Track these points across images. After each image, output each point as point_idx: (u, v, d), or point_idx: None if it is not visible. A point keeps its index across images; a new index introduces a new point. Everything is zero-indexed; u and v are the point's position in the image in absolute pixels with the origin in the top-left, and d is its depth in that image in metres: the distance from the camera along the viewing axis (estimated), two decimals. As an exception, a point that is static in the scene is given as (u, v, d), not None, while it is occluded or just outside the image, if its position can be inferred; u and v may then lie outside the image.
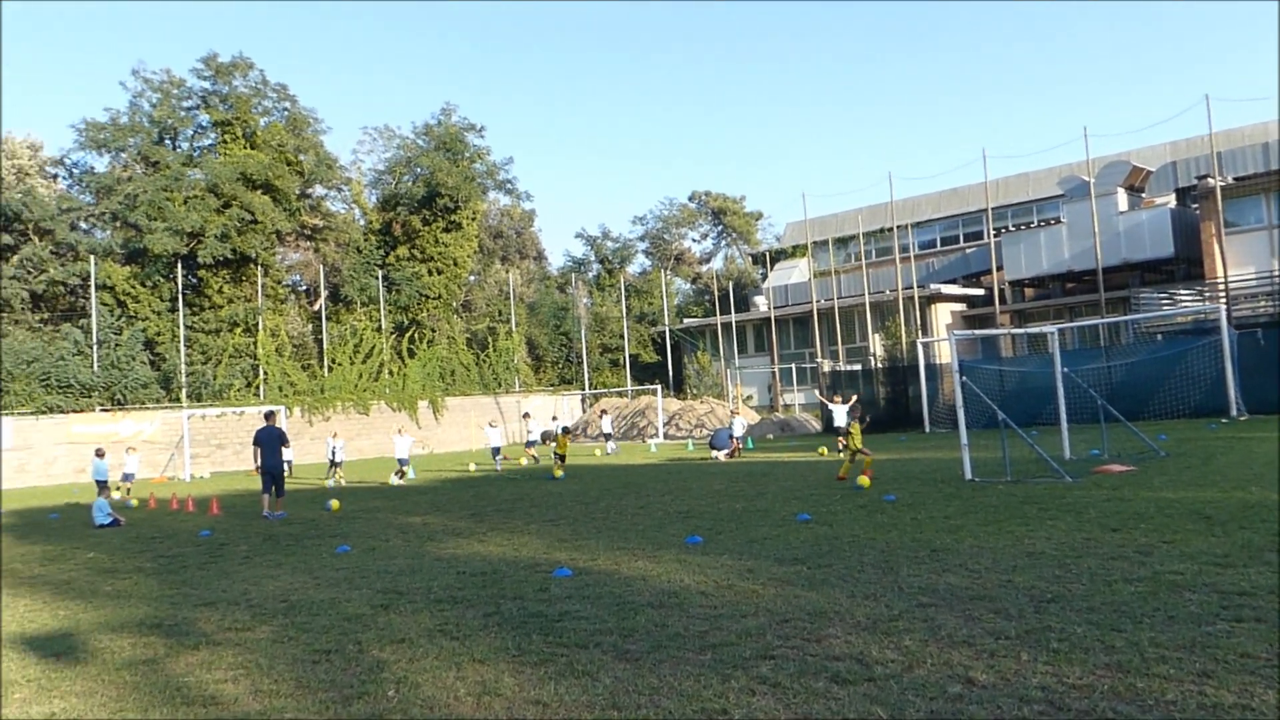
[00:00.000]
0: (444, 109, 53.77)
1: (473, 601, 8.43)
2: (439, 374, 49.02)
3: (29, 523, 19.62)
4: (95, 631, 8.10)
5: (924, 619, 6.84)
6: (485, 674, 6.10)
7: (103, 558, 13.12)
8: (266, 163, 45.03)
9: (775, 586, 8.32)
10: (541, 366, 57.80)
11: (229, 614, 8.49)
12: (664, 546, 11.05)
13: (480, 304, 59.39)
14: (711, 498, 16.37)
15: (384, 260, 51.04)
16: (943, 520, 11.75)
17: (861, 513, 13.02)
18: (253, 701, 5.78)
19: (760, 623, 7.02)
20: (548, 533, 13.01)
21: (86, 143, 46.07)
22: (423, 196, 50.71)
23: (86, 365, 38.81)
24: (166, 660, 6.91)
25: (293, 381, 44.11)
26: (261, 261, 45.43)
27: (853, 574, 8.67)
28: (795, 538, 11.11)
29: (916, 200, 55.02)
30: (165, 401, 40.69)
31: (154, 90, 46.50)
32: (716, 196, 70.80)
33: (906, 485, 16.19)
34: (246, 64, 47.16)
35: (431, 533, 13.79)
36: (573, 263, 70.82)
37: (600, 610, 7.74)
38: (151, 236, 41.41)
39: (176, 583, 10.51)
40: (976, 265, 49.24)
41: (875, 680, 5.50)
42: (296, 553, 12.47)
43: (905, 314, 46.01)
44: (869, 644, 6.26)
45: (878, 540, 10.54)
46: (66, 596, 10.05)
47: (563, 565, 9.94)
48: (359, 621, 7.83)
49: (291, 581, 10.10)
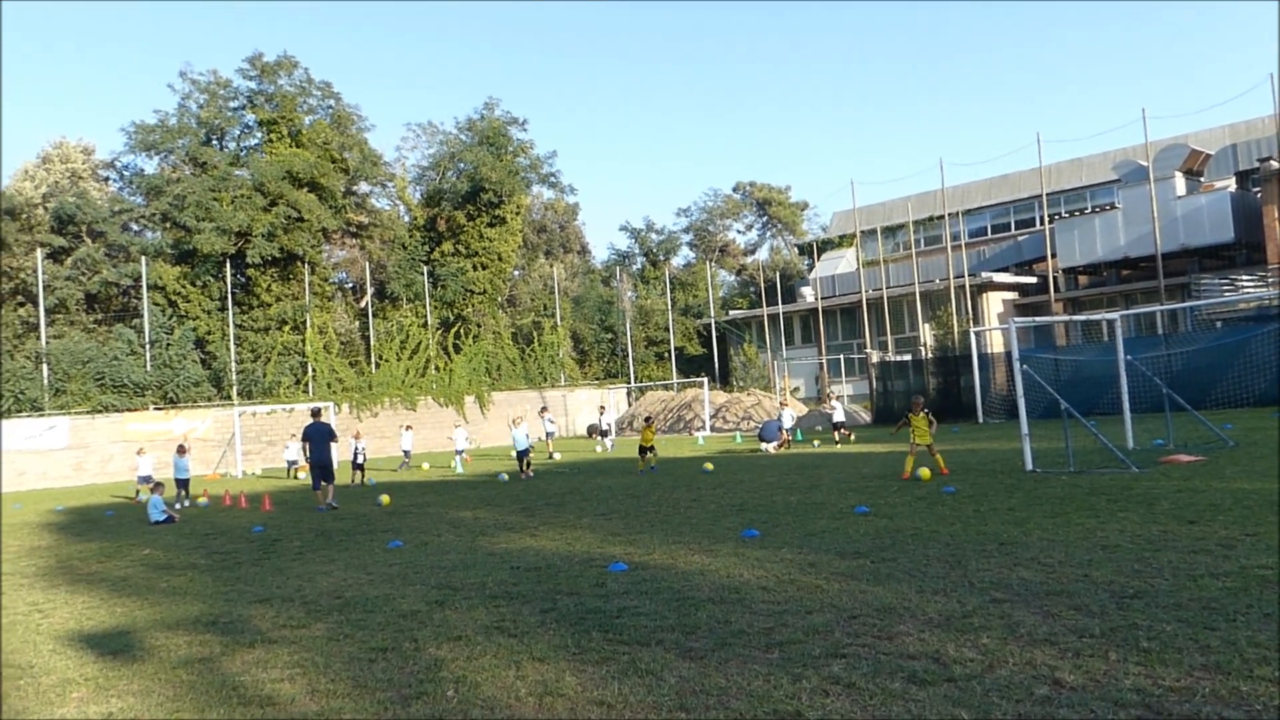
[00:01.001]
0: (487, 103, 53.70)
1: (528, 597, 8.26)
2: (484, 369, 49.11)
3: (86, 520, 19.82)
4: (151, 629, 8.04)
5: (1000, 615, 6.56)
6: (545, 673, 5.91)
7: (158, 554, 13.15)
8: (312, 161, 45.29)
9: (839, 581, 8.06)
10: (586, 360, 57.72)
11: (283, 611, 8.40)
12: (720, 540, 10.83)
13: (525, 298, 59.43)
14: (764, 490, 16.11)
15: (429, 256, 51.20)
16: (1007, 512, 11.41)
17: (921, 505, 12.70)
18: (310, 701, 5.65)
19: (827, 619, 6.78)
20: (600, 526, 12.83)
21: (136, 145, 46.66)
22: (467, 191, 50.78)
23: (139, 365, 39.32)
24: (222, 658, 6.81)
25: (340, 378, 44.41)
26: (308, 259, 45.75)
27: (919, 568, 8.39)
28: (855, 530, 10.84)
29: (967, 187, 54.15)
30: (216, 399, 41.14)
31: (201, 91, 46.97)
32: (761, 187, 70.26)
33: (965, 477, 15.82)
34: (291, 63, 47.48)
35: (483, 527, 13.67)
36: (617, 256, 70.67)
37: (660, 606, 7.54)
38: (200, 237, 41.83)
39: (231, 579, 10.46)
40: (1029, 253, 48.37)
41: (955, 681, 5.23)
42: (349, 548, 12.40)
43: (956, 303, 45.30)
44: (944, 642, 5.99)
45: (941, 533, 10.23)
46: (123, 593, 10.03)
47: (618, 560, 9.75)
48: (414, 618, 7.69)
49: (345, 577, 10.01)
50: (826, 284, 53.76)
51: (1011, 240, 50.45)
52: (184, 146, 46.54)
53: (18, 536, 17.01)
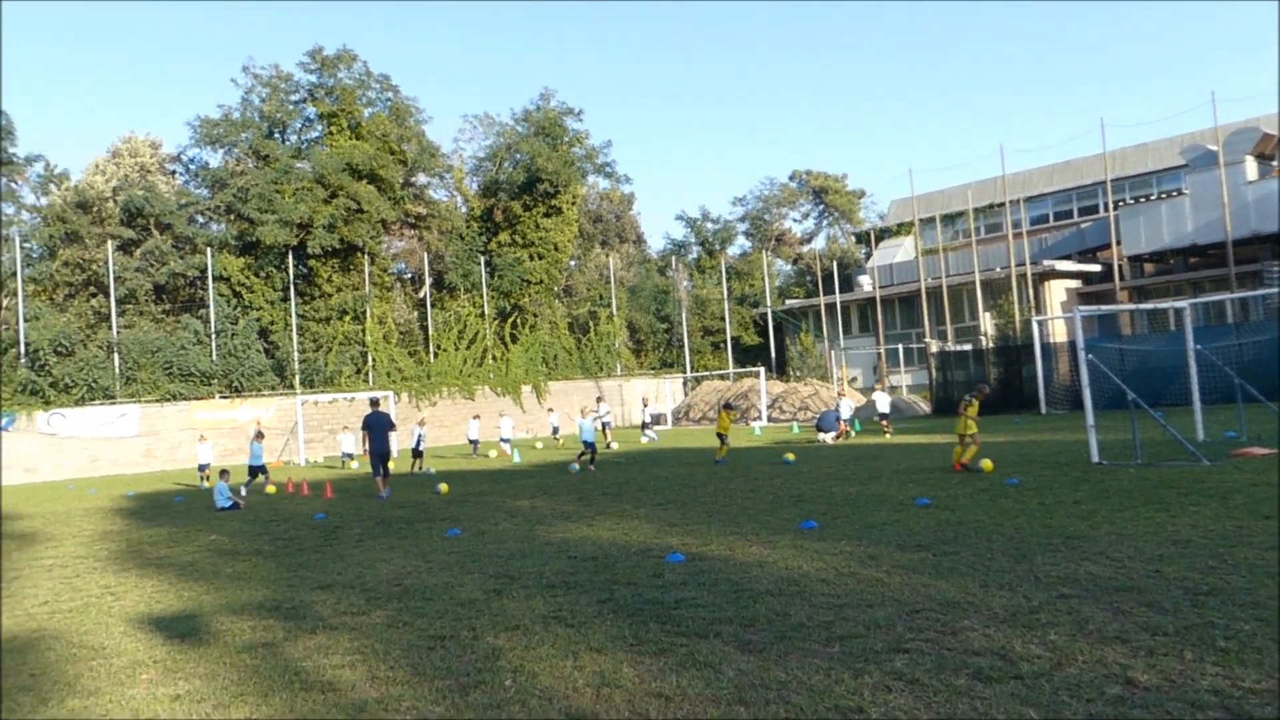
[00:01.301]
0: (543, 94, 53.85)
1: (586, 587, 8.26)
2: (541, 358, 49.35)
3: (155, 505, 20.27)
4: (217, 613, 8.18)
5: (1068, 611, 6.41)
6: (603, 664, 5.90)
7: (224, 540, 13.40)
8: (371, 153, 45.74)
9: (901, 574, 7.95)
10: (642, 350, 57.72)
11: (344, 598, 8.50)
12: (778, 531, 10.75)
13: (581, 288, 59.56)
14: (823, 481, 15.97)
15: (486, 246, 51.50)
16: (1073, 505, 11.18)
17: (984, 497, 12.49)
18: (370, 688, 5.69)
19: (889, 613, 6.68)
20: (657, 517, 12.80)
21: (201, 139, 47.47)
22: (523, 182, 50.97)
23: (206, 354, 40.10)
24: (285, 644, 6.90)
25: (400, 367, 44.91)
26: (368, 250, 46.27)
27: (983, 562, 8.24)
28: (916, 523, 10.69)
29: (1028, 174, 53.10)
30: (279, 388, 41.84)
31: (263, 85, 47.63)
32: (818, 175, 69.59)
33: (1029, 469, 15.54)
34: (351, 56, 47.95)
35: (540, 516, 13.72)
36: (673, 245, 70.48)
37: (718, 598, 7.49)
38: (263, 228, 42.49)
39: (293, 565, 10.62)
40: (1092, 240, 47.34)
41: (1023, 679, 5.12)
42: (408, 536, 12.52)
43: (1017, 292, 44.50)
44: (1010, 638, 5.87)
45: (1005, 526, 10.05)
46: (190, 578, 10.23)
47: (675, 550, 9.71)
48: (472, 607, 7.73)
49: (404, 565, 10.10)
50: (884, 272, 53.14)
51: (1074, 227, 49.40)
52: (247, 140, 47.28)
53: (91, 521, 17.45)
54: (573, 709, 5.11)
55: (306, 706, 5.41)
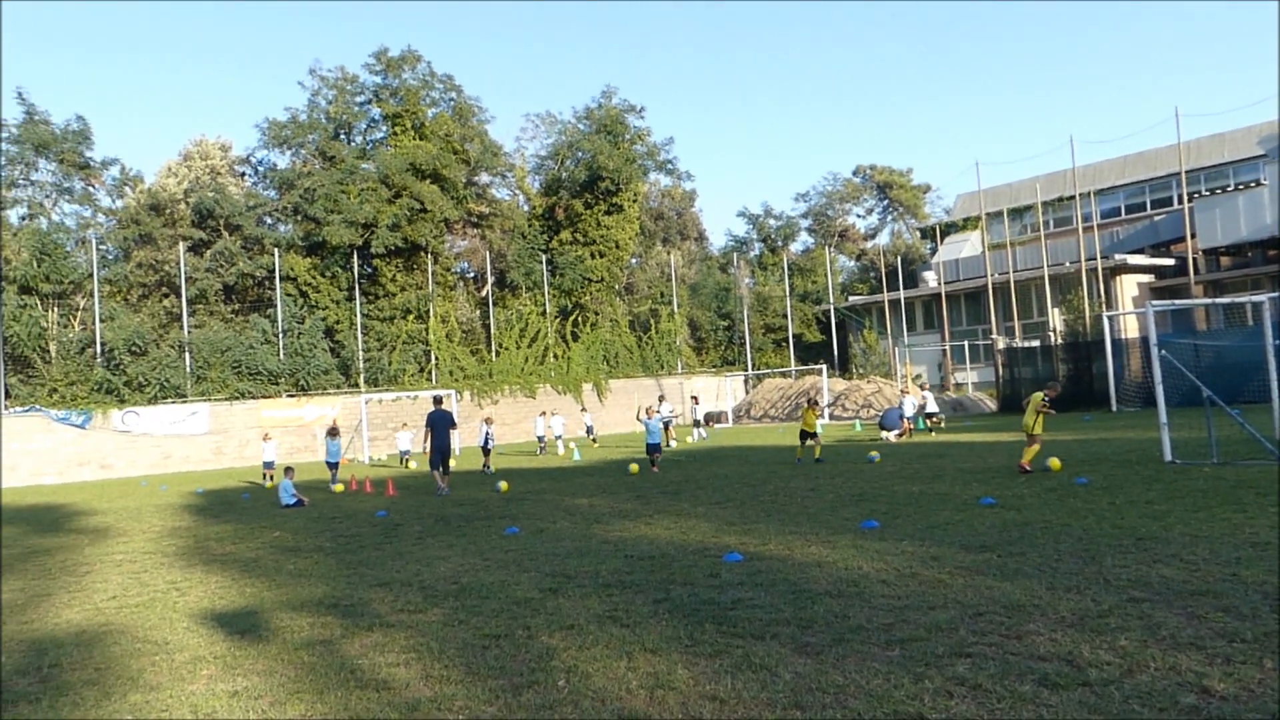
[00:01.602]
0: (604, 92, 53.90)
1: (641, 586, 8.19)
2: (602, 356, 49.45)
3: (223, 502, 20.67)
4: (277, 609, 8.27)
5: (1139, 616, 6.19)
6: (657, 665, 5.83)
7: (287, 537, 13.58)
8: (434, 153, 46.21)
9: (964, 576, 7.76)
10: (703, 348, 57.56)
11: (402, 595, 8.54)
12: (838, 531, 10.59)
13: (642, 286, 59.56)
14: (885, 479, 15.74)
15: (547, 245, 51.74)
16: (1145, 505, 10.85)
17: (1051, 496, 12.19)
18: (424, 687, 5.69)
19: (951, 616, 6.51)
20: (715, 515, 12.70)
21: (269, 141, 48.39)
22: (584, 180, 51.09)
23: (273, 353, 40.86)
24: (342, 641, 6.94)
25: (462, 366, 45.32)
26: (431, 249, 46.75)
27: (1049, 563, 8.02)
28: (980, 523, 10.45)
29: (1099, 166, 51.88)
30: (344, 387, 42.47)
31: (329, 87, 48.37)
32: (882, 170, 68.79)
33: (1099, 467, 15.15)
34: (415, 57, 48.47)
35: (598, 515, 13.70)
36: (734, 242, 70.16)
37: (775, 598, 7.38)
38: (329, 228, 43.17)
39: (353, 562, 10.71)
40: (1166, 233, 46.10)
41: (1091, 685, 4.94)
42: (467, 534, 12.58)
43: (1088, 286, 43.49)
44: (1078, 643, 5.68)
45: (1073, 527, 9.78)
46: (253, 574, 10.37)
47: (733, 550, 9.61)
48: (528, 606, 7.71)
49: (462, 563, 10.14)
50: (950, 268, 52.31)
51: (1147, 220, 48.15)
52: (314, 141, 48.07)
53: (162, 517, 17.84)
54: (625, 711, 5.05)
55: (360, 705, 5.42)
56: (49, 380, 36.67)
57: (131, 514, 18.82)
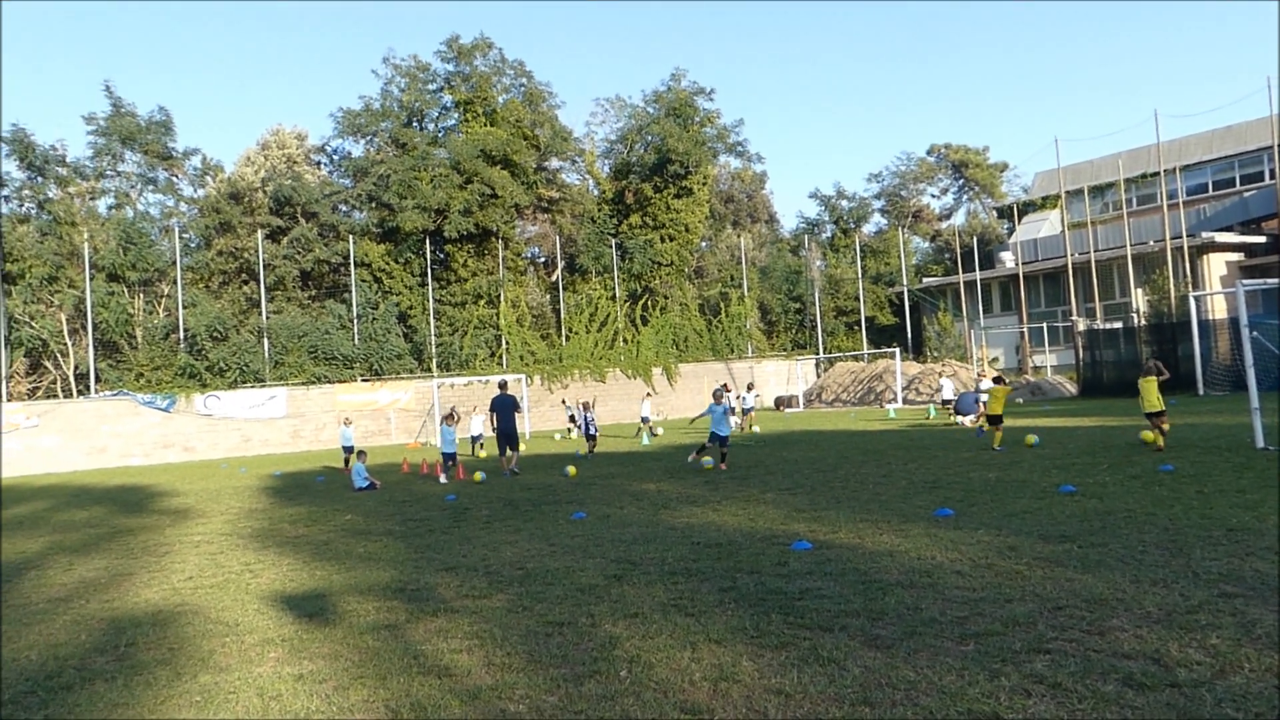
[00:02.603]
0: (674, 74, 53.52)
1: (707, 574, 8.09)
2: (671, 340, 49.33)
3: (299, 485, 21.06)
4: (345, 593, 8.34)
5: (1231, 612, 5.90)
6: (721, 656, 5.72)
7: (358, 520, 13.76)
8: (505, 139, 46.44)
9: (1042, 567, 7.50)
10: (774, 331, 57.06)
11: (468, 580, 8.55)
12: (911, 519, 10.35)
13: (712, 269, 59.23)
14: (959, 466, 15.39)
15: (617, 229, 51.70)
16: (1235, 495, 10.41)
17: (1135, 484, 11.78)
18: (485, 675, 5.66)
19: (1029, 609, 6.28)
20: (784, 502, 12.53)
21: (344, 130, 49.13)
22: (654, 164, 50.90)
23: (348, 338, 41.56)
24: (407, 626, 6.96)
25: (532, 350, 45.59)
26: (502, 235, 47.04)
27: (1134, 555, 7.72)
28: (1060, 511, 10.13)
29: (1185, 141, 50.10)
30: (417, 371, 43.02)
31: (402, 76, 48.89)
32: (957, 149, 67.34)
33: (1185, 454, 14.62)
34: (486, 44, 48.75)
35: (666, 500, 13.62)
36: (806, 224, 69.34)
37: (844, 589, 7.21)
38: (402, 215, 43.70)
39: (421, 546, 10.78)
40: (1256, 210, 44.37)
41: (1180, 687, 4.70)
42: (534, 519, 12.59)
43: (1173, 266, 42.08)
44: (1165, 640, 5.43)
45: (1159, 516, 9.42)
46: (323, 557, 10.51)
47: (801, 538, 9.45)
48: (592, 593, 7.66)
49: (528, 548, 10.13)
50: (1028, 248, 51.04)
51: (1237, 197, 46.38)
52: (387, 129, 48.65)
53: (239, 499, 18.24)
54: (688, 703, 4.95)
55: (422, 691, 5.41)
56: (135, 365, 37.79)
57: (211, 496, 19.28)
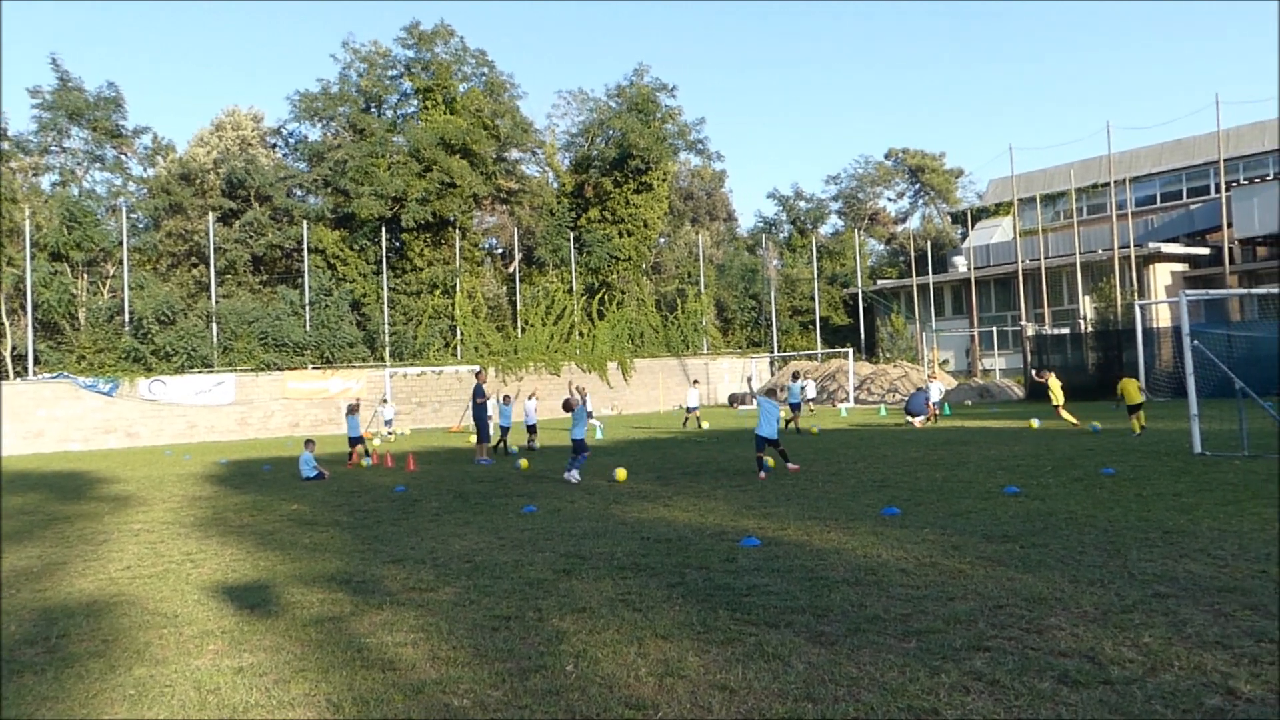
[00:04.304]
0: (636, 70, 53.50)
1: (656, 570, 8.09)
2: (627, 335, 49.33)
3: (245, 473, 20.75)
4: (289, 584, 8.23)
5: (1164, 612, 6.02)
6: (668, 651, 5.72)
7: (305, 510, 13.58)
8: (465, 128, 46.09)
9: (985, 566, 7.60)
10: (730, 329, 57.29)
11: (415, 573, 8.47)
12: (858, 517, 10.44)
13: (669, 265, 59.31)
14: (908, 466, 15.55)
15: (575, 222, 51.57)
16: (1172, 498, 10.63)
17: (1077, 487, 11.98)
18: (430, 669, 5.61)
19: (970, 607, 6.36)
20: (735, 499, 12.58)
21: (301, 113, 48.46)
22: (614, 158, 50.83)
23: (300, 325, 41.04)
24: (351, 619, 6.88)
25: (488, 342, 45.35)
26: (459, 225, 46.72)
27: (1073, 555, 7.84)
28: (1004, 512, 10.28)
29: (1135, 153, 51.04)
30: (370, 360, 42.61)
31: (362, 60, 48.32)
32: (914, 154, 68.01)
33: (1126, 458, 14.90)
34: (448, 31, 48.31)
35: (617, 495, 13.60)
36: (763, 223, 69.67)
37: (791, 585, 7.25)
38: (358, 201, 43.24)
39: (369, 538, 10.68)
40: (1202, 222, 45.34)
41: (1112, 684, 4.78)
42: (484, 511, 12.52)
43: (1120, 274, 42.86)
44: (1100, 639, 5.52)
45: (1099, 518, 9.59)
46: (268, 547, 10.36)
47: (750, 534, 9.49)
48: (540, 587, 7.63)
49: (477, 541, 10.07)
50: (980, 253, 51.71)
51: (1183, 209, 47.36)
52: (345, 114, 48.08)
53: (183, 486, 17.93)
54: (633, 698, 4.94)
55: (365, 685, 5.35)
56: (77, 347, 37.03)
57: (153, 483, 18.93)
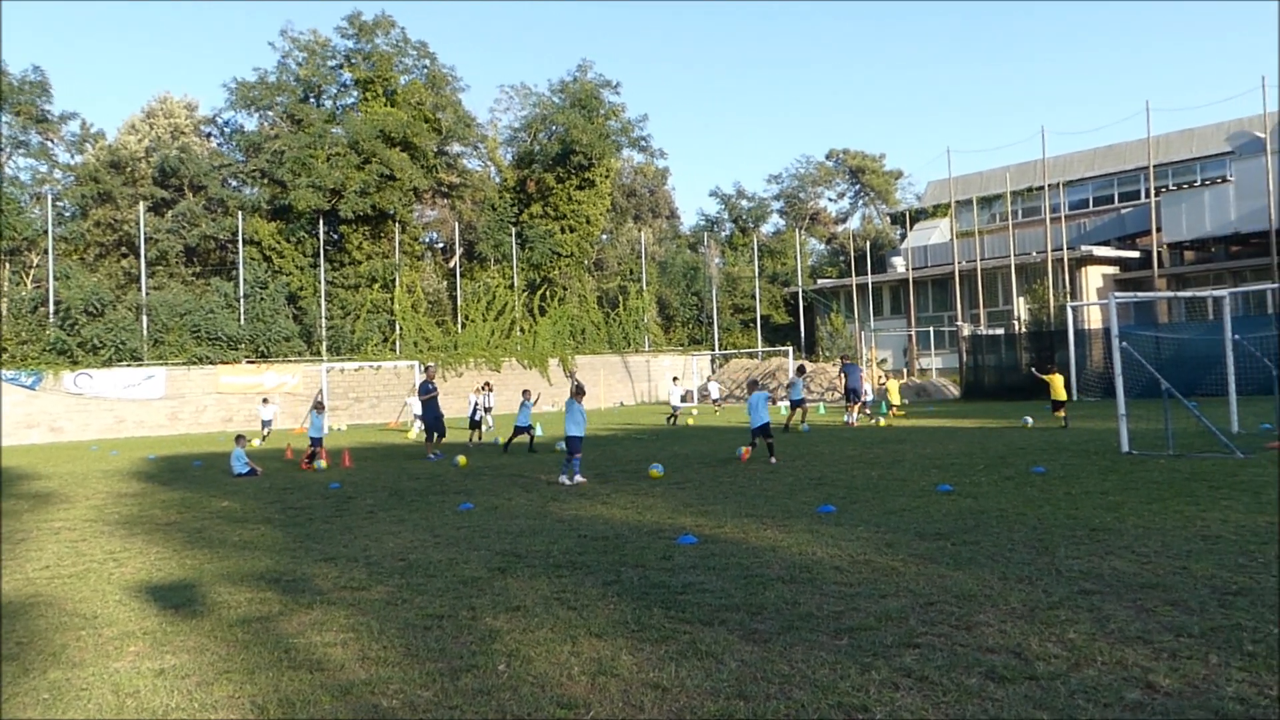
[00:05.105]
0: (580, 65, 53.37)
1: (593, 568, 8.05)
2: (569, 332, 49.21)
3: (174, 469, 20.31)
4: (217, 583, 8.05)
5: (1089, 608, 6.13)
6: (602, 650, 5.69)
7: (235, 507, 13.32)
8: (405, 120, 45.61)
9: (917, 564, 7.68)
10: (671, 326, 57.43)
11: (346, 571, 8.34)
12: (795, 515, 10.50)
13: (612, 262, 59.27)
14: (845, 464, 15.70)
15: (517, 218, 51.31)
16: (1100, 496, 10.85)
17: (1009, 485, 12.18)
18: (359, 669, 5.51)
19: (902, 604, 6.42)
20: (673, 496, 12.59)
21: (237, 102, 47.59)
22: (557, 154, 50.66)
23: (234, 318, 40.28)
24: (280, 618, 6.74)
25: (427, 337, 44.93)
26: (399, 218, 46.22)
27: (1003, 553, 7.96)
28: (937, 510, 10.41)
29: (1069, 157, 52.15)
30: (306, 354, 41.96)
31: (301, 50, 47.60)
32: (855, 154, 68.73)
33: (1057, 457, 15.19)
34: (389, 22, 47.77)
35: (555, 492, 13.55)
36: (706, 221, 69.97)
37: (726, 583, 7.26)
38: (296, 193, 42.56)
39: (301, 536, 10.49)
40: (1132, 226, 46.48)
41: (1038, 679, 4.85)
42: (420, 509, 12.38)
43: (1053, 277, 43.77)
44: (1027, 635, 5.60)
45: (1028, 516, 9.75)
46: (196, 545, 10.13)
47: (688, 532, 9.49)
48: (474, 585, 7.55)
49: (412, 539, 9.95)
50: (918, 254, 52.46)
51: (1114, 213, 48.51)
52: (282, 104, 47.33)
53: (109, 483, 17.49)
54: (565, 697, 4.90)
55: (291, 686, 5.23)
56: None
57: (77, 479, 18.44)
